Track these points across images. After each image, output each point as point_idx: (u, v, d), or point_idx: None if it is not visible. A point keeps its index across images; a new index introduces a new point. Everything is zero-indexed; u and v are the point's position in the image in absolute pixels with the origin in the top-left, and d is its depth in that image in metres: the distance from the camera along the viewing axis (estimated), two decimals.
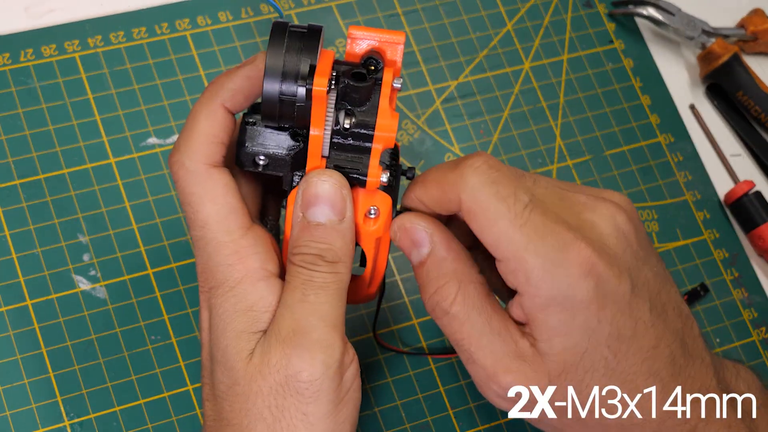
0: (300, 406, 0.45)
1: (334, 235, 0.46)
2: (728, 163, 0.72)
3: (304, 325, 0.45)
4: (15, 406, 0.56)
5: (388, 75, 0.46)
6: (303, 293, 0.46)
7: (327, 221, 0.46)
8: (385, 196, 0.48)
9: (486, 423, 0.62)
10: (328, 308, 0.46)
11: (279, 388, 0.45)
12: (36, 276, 0.59)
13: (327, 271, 0.46)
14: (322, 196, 0.46)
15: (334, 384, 0.45)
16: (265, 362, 0.46)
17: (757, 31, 0.74)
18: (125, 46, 0.65)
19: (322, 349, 0.45)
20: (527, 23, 0.73)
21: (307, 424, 0.45)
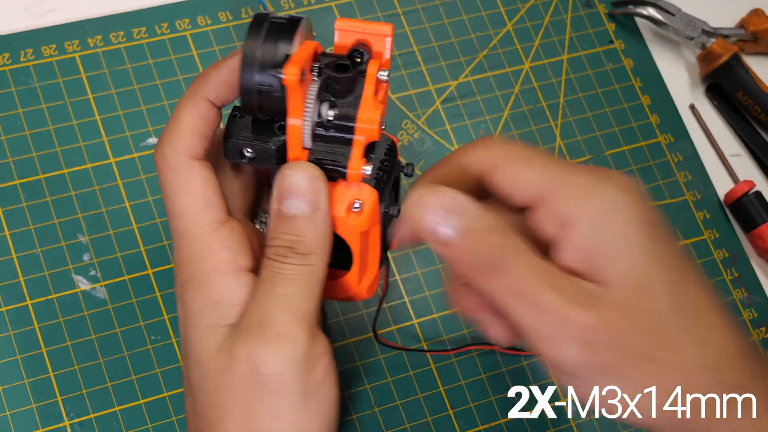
0: (266, 399, 0.45)
1: (307, 227, 0.46)
2: (728, 163, 0.72)
3: (270, 317, 0.45)
4: (15, 406, 0.56)
5: (373, 67, 0.46)
6: (271, 286, 0.46)
7: (300, 213, 0.46)
8: (371, 190, 0.47)
9: (486, 423, 0.62)
10: (295, 301, 0.45)
11: (245, 381, 0.45)
12: (36, 276, 0.59)
13: (297, 263, 0.46)
14: (294, 187, 0.46)
15: (300, 377, 0.45)
16: (231, 356, 0.45)
17: (757, 31, 0.74)
18: (125, 46, 0.65)
19: (286, 341, 0.45)
20: (527, 23, 0.73)
21: (274, 417, 0.45)
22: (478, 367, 0.63)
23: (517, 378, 0.63)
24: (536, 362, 0.64)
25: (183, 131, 0.48)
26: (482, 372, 0.63)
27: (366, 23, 0.47)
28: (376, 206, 0.47)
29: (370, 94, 0.46)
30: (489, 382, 0.63)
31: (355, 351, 0.61)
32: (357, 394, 0.61)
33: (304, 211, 0.46)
